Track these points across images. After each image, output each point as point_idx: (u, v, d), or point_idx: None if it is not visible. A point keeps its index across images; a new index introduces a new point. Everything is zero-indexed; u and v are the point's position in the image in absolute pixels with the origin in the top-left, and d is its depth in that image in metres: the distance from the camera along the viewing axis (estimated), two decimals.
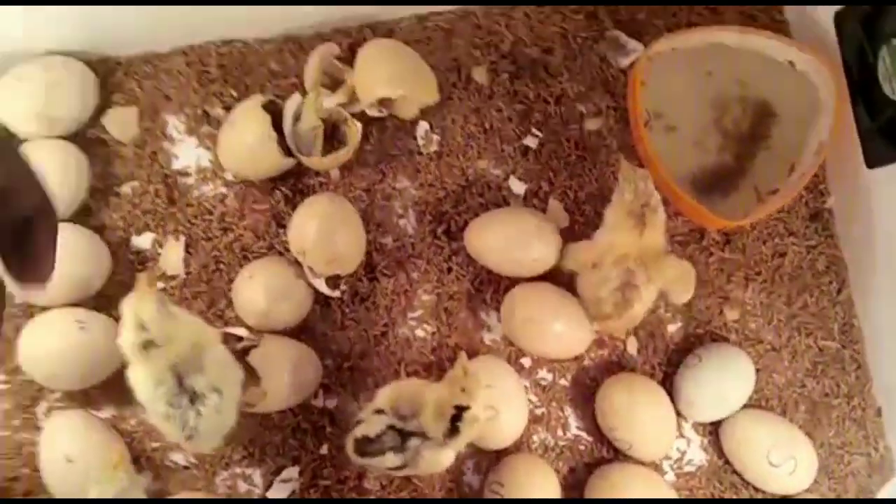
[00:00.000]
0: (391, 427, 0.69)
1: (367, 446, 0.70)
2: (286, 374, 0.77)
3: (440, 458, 0.69)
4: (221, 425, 0.69)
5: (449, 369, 0.72)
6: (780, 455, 0.77)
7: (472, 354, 0.80)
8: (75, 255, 0.78)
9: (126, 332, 0.64)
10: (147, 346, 0.64)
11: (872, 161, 0.77)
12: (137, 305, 0.64)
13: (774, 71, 0.84)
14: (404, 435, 0.69)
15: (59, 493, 0.76)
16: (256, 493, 0.80)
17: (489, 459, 0.80)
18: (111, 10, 0.78)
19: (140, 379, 0.66)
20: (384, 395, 0.72)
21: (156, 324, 0.64)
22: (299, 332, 0.81)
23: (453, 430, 0.68)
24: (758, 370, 0.83)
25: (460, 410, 0.68)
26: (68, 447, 0.76)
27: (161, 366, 0.65)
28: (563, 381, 0.83)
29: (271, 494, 0.79)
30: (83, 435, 0.76)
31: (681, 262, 0.76)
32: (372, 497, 0.80)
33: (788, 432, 0.79)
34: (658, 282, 0.74)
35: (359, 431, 0.71)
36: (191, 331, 0.67)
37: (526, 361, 0.83)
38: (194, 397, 0.67)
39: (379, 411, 0.70)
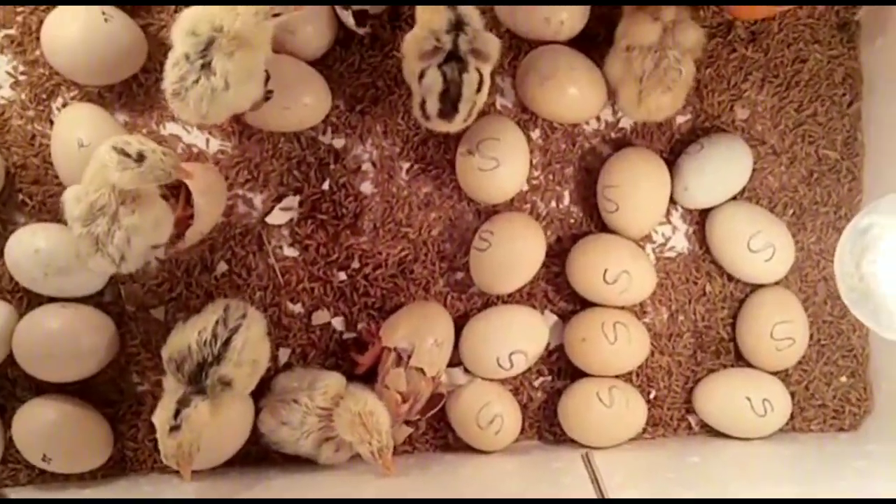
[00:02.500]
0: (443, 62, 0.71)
1: (448, 98, 0.71)
2: (298, 94, 0.79)
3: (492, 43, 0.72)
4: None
5: None
6: (760, 242, 0.80)
7: (482, 115, 0.81)
8: None
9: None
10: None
11: None
12: None
13: None
14: (455, 57, 0.71)
15: (67, 177, 0.79)
16: (255, 215, 0.83)
17: (487, 212, 0.84)
18: None
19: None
20: (420, 24, 0.72)
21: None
22: (315, 66, 0.82)
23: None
24: (755, 170, 0.85)
25: None
26: (83, 133, 0.78)
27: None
28: (567, 156, 0.85)
29: (270, 220, 0.83)
30: (98, 125, 0.79)
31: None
32: (364, 238, 0.83)
33: (772, 223, 0.82)
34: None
35: (432, 96, 0.71)
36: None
37: (535, 133, 0.85)
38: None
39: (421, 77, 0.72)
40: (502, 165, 0.79)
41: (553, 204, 0.86)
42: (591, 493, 0.65)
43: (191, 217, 0.76)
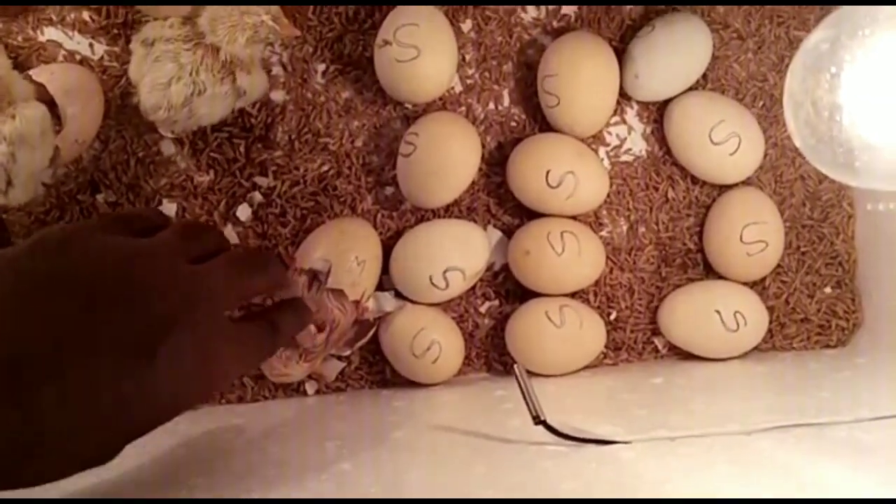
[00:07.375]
0: None
1: None
2: None
3: None
4: None
5: None
6: (723, 132, 0.70)
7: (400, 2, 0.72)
8: None
9: None
10: None
11: None
12: None
13: None
14: None
15: None
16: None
17: (415, 117, 0.74)
18: None
19: None
20: None
21: None
22: None
23: None
24: (718, 58, 0.75)
25: None
26: None
27: None
28: (504, 50, 0.75)
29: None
30: None
31: None
32: (279, 152, 0.74)
33: (737, 112, 0.72)
34: None
35: None
36: None
37: (466, 25, 0.75)
38: None
39: None
40: (423, 54, 0.68)
41: (491, 105, 0.76)
42: (527, 417, 0.56)
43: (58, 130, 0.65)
